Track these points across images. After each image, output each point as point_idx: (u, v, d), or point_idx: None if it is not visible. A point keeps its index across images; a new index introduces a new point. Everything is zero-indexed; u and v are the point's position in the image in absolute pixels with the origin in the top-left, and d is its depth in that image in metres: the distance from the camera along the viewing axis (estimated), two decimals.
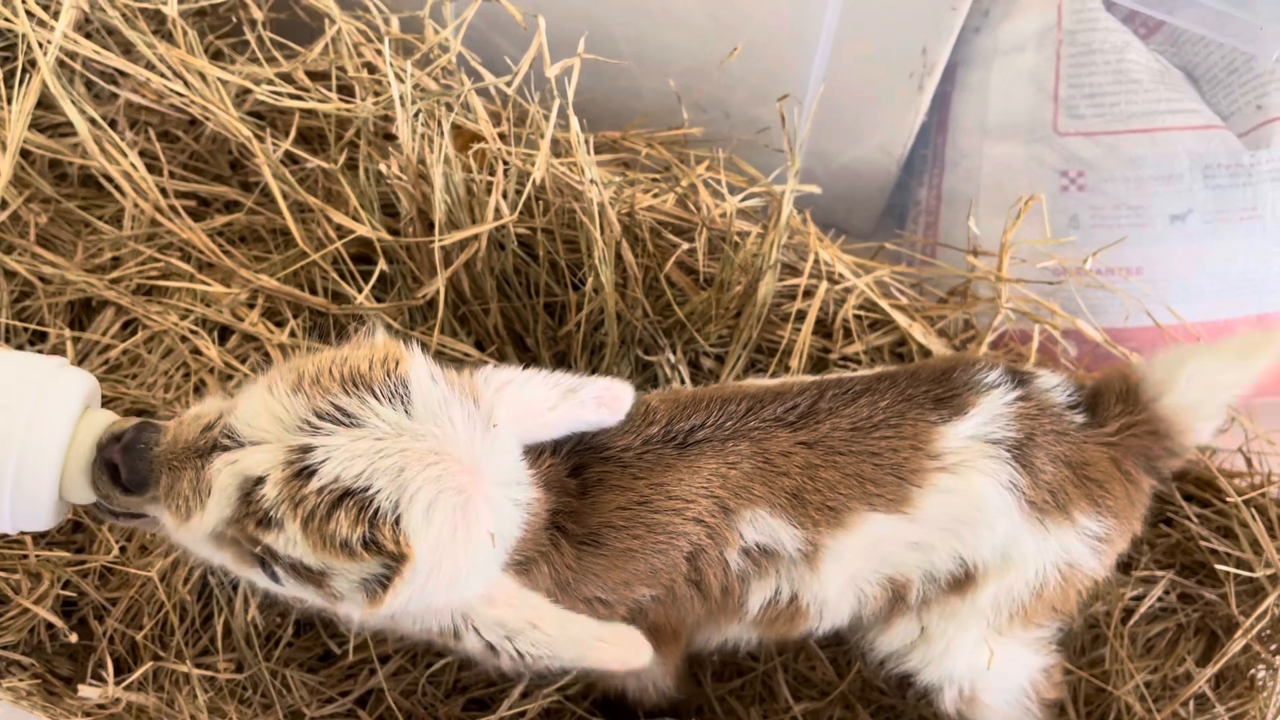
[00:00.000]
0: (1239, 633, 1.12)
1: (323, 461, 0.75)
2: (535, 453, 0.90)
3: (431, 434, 0.77)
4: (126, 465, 0.79)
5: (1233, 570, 1.16)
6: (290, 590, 0.82)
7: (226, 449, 0.78)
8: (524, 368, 0.90)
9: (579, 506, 0.92)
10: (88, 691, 1.05)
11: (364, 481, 0.75)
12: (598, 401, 0.91)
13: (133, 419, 0.83)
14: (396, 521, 0.75)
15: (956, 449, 0.96)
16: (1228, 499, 1.18)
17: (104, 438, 0.81)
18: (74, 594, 1.14)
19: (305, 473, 0.75)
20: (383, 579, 0.77)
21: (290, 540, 0.76)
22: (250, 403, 0.79)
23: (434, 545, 0.76)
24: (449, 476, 0.77)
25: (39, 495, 0.81)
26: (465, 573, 0.80)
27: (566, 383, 0.90)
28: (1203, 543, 1.19)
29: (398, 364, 0.79)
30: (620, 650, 0.85)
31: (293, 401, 0.77)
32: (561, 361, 1.27)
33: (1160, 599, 1.21)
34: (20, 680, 1.08)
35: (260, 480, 0.76)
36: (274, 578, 0.81)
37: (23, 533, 1.02)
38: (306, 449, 0.75)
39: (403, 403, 0.78)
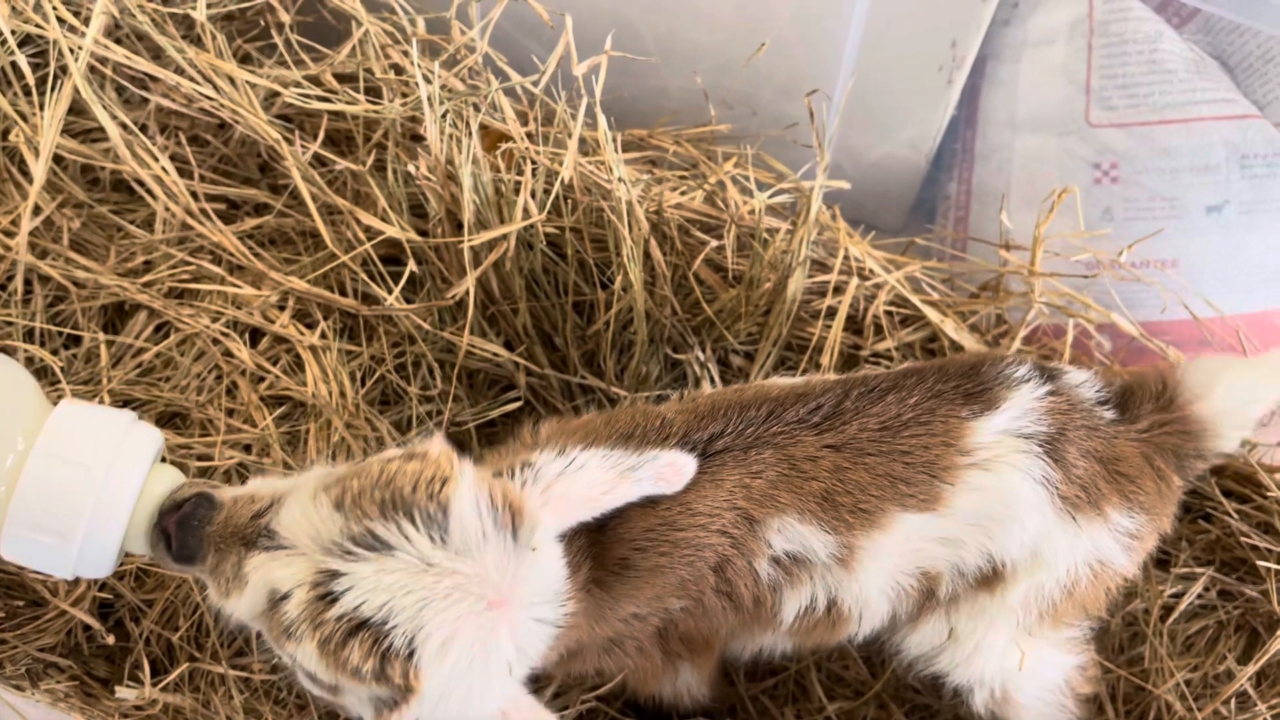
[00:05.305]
0: None
1: (346, 590, 0.77)
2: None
3: (460, 570, 0.78)
4: (179, 539, 0.84)
5: (1274, 566, 1.14)
6: (307, 688, 0.85)
7: (266, 548, 0.80)
8: (583, 448, 0.88)
9: (603, 547, 0.92)
10: (125, 693, 1.06)
11: (383, 615, 0.76)
12: (657, 479, 0.90)
13: (196, 484, 0.87)
14: (410, 656, 0.76)
15: (989, 444, 0.95)
16: (1268, 494, 1.16)
17: (166, 504, 0.86)
18: (110, 596, 1.15)
19: (328, 598, 0.77)
20: (392, 701, 0.79)
21: (307, 655, 0.78)
22: (292, 509, 0.81)
23: (445, 680, 0.78)
24: (471, 615, 0.78)
25: (105, 548, 0.86)
26: (479, 699, 0.81)
27: (625, 463, 0.89)
28: (1243, 538, 1.17)
29: (443, 485, 0.80)
30: None
31: (332, 519, 0.79)
32: (590, 361, 1.26)
33: (1200, 596, 1.19)
34: (58, 682, 1.09)
35: (286, 596, 0.78)
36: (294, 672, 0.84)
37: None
38: (334, 574, 0.77)
39: (439, 531, 0.78)
